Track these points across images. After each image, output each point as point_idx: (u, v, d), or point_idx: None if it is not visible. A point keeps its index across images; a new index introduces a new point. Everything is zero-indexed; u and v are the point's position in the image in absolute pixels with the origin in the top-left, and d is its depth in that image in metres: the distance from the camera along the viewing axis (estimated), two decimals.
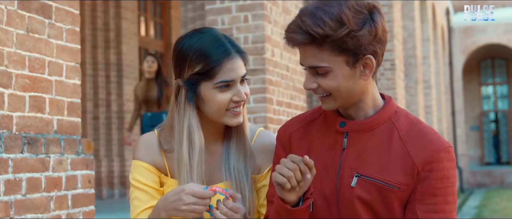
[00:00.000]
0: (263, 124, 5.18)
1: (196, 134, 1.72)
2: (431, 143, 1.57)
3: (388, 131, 1.59)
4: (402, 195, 1.56)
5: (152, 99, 7.04)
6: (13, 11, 2.81)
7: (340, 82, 1.54)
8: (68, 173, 3.09)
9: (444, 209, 1.55)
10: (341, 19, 1.48)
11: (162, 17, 12.02)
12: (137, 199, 1.76)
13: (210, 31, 1.74)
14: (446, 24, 19.72)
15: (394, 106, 1.64)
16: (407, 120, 1.62)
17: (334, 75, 1.53)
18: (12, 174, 2.73)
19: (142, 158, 1.79)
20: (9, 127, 2.77)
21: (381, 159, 1.57)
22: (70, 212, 3.09)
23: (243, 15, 5.29)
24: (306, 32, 1.50)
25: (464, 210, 13.58)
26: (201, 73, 1.67)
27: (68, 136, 3.14)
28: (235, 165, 1.75)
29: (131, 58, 10.19)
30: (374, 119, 1.60)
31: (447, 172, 1.55)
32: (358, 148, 1.60)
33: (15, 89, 2.81)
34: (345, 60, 1.52)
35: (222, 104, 1.69)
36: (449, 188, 1.56)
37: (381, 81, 10.08)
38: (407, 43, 12.55)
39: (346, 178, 1.59)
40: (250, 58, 5.26)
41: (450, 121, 19.67)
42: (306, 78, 1.58)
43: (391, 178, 1.55)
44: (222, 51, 1.67)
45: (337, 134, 1.63)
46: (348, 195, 1.58)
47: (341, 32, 1.48)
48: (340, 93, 1.55)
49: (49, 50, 3.04)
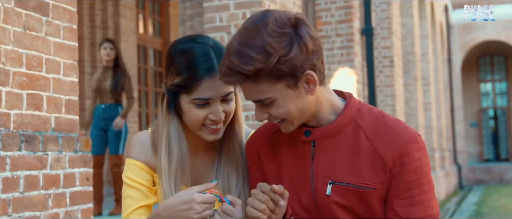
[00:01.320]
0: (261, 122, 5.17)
1: (175, 143, 1.70)
2: (398, 137, 1.54)
3: (354, 132, 1.57)
4: (379, 195, 1.55)
5: (105, 89, 6.43)
6: (10, 8, 2.81)
7: (289, 106, 1.51)
8: (66, 170, 3.09)
9: (422, 200, 1.54)
10: (266, 50, 1.44)
11: (160, 15, 12.01)
12: (129, 197, 1.74)
13: (202, 42, 1.68)
14: (445, 21, 19.71)
15: (355, 103, 1.61)
16: (371, 117, 1.59)
17: (280, 102, 1.50)
18: (10, 172, 2.73)
19: (136, 156, 1.77)
20: (6, 125, 2.76)
21: (351, 162, 1.55)
22: (68, 209, 3.09)
23: (241, 12, 5.29)
24: (237, 72, 1.45)
25: (463, 207, 13.60)
26: (180, 85, 1.65)
27: (66, 133, 3.14)
28: (226, 176, 1.74)
29: (130, 56, 10.18)
30: (337, 123, 1.57)
31: (419, 162, 1.54)
32: (327, 155, 1.58)
33: (13, 87, 2.81)
34: (286, 85, 1.48)
35: (197, 120, 1.66)
36: (424, 177, 1.55)
37: (379, 78, 10.08)
38: (406, 40, 12.55)
39: (320, 186, 1.57)
40: None
41: (449, 117, 19.68)
42: (256, 110, 1.55)
43: (364, 180, 1.54)
44: (205, 68, 1.62)
45: (304, 143, 1.60)
46: (326, 203, 1.57)
47: (271, 62, 1.43)
48: (293, 116, 1.53)
49: (46, 48, 3.03)
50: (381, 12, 10.22)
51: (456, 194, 17.63)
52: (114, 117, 6.47)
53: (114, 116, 6.47)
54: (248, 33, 1.47)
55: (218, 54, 1.65)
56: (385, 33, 10.22)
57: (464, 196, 16.71)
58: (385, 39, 10.22)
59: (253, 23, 1.49)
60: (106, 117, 6.48)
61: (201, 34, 1.77)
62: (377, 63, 9.96)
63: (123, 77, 6.51)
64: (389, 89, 10.16)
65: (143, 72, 11.22)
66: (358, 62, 8.01)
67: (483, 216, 11.56)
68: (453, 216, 12.03)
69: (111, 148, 6.50)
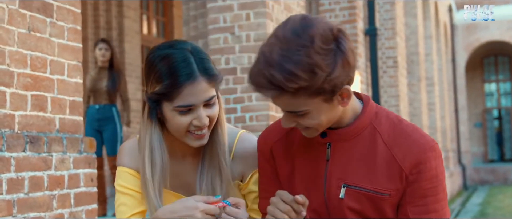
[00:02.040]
0: (266, 122, 5.18)
1: (157, 152, 1.69)
2: (416, 144, 1.53)
3: (371, 137, 1.55)
4: (393, 201, 1.54)
5: (101, 90, 6.36)
6: (14, 10, 2.82)
7: (321, 118, 1.49)
8: (70, 171, 3.09)
9: (436, 208, 1.53)
10: (313, 69, 1.39)
11: (164, 16, 12.02)
12: (123, 204, 1.73)
13: (181, 48, 1.65)
14: (449, 21, 19.68)
15: (373, 107, 1.59)
16: (388, 122, 1.57)
17: (313, 114, 1.48)
18: (15, 173, 2.74)
19: (127, 164, 1.77)
20: (11, 126, 2.77)
21: (367, 167, 1.54)
22: (73, 210, 3.09)
23: (245, 13, 5.29)
24: (279, 87, 1.40)
25: (468, 207, 13.57)
26: (161, 93, 1.62)
27: (70, 134, 3.15)
28: (210, 181, 1.72)
29: (134, 57, 10.19)
30: (355, 126, 1.56)
31: (435, 170, 1.53)
32: (343, 158, 1.56)
33: (17, 88, 2.82)
34: (322, 99, 1.45)
35: (181, 126, 1.64)
36: (439, 186, 1.54)
37: (383, 78, 10.06)
38: (410, 40, 12.53)
39: (333, 189, 1.56)
40: (252, 56, 5.26)
41: (453, 118, 19.64)
42: (285, 117, 1.52)
43: (380, 186, 1.52)
44: (185, 74, 1.59)
45: (319, 145, 1.59)
46: (338, 207, 1.55)
47: (317, 80, 1.40)
48: (321, 126, 1.51)
49: (50, 49, 3.04)
50: (385, 12, 10.21)
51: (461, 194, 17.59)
52: (109, 117, 6.43)
53: (109, 117, 6.43)
54: (290, 45, 1.41)
55: (198, 58, 1.62)
56: (389, 34, 10.21)
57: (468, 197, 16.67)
58: (389, 40, 10.20)
59: (294, 34, 1.42)
60: (100, 118, 6.42)
61: (179, 40, 1.74)
62: (381, 64, 9.95)
63: (119, 78, 6.47)
64: (393, 90, 10.15)
65: None
66: (362, 62, 8.01)
67: (487, 217, 11.53)
68: (458, 216, 12.00)
69: (108, 149, 6.45)
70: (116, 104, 6.55)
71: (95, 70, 6.58)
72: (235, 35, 5.33)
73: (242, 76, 5.29)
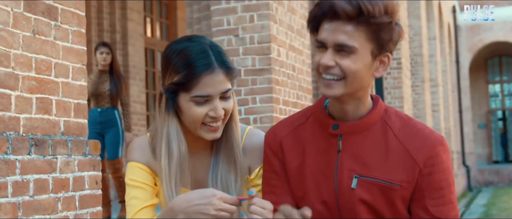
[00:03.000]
0: (270, 124, 5.18)
1: (175, 143, 1.69)
2: (427, 138, 1.59)
3: (382, 130, 1.60)
4: (404, 193, 1.57)
5: (103, 93, 6.39)
6: (19, 13, 2.82)
7: (359, 67, 1.52)
8: (75, 174, 3.10)
9: (451, 199, 1.59)
10: (387, 7, 1.51)
11: (168, 18, 12.04)
12: (135, 198, 1.73)
13: (199, 41, 1.69)
14: (453, 22, 19.66)
15: (383, 105, 1.65)
16: (398, 119, 1.63)
17: (357, 58, 1.52)
18: (20, 175, 2.74)
19: (137, 159, 1.77)
20: (16, 129, 2.78)
21: (379, 159, 1.58)
22: (78, 213, 3.10)
23: (248, 15, 5.29)
24: (356, 5, 1.48)
25: (472, 209, 13.54)
26: (179, 83, 1.64)
27: (75, 137, 3.15)
28: (224, 176, 1.73)
29: (137, 60, 10.21)
30: (367, 120, 1.60)
31: (446, 163, 1.59)
32: (354, 149, 1.59)
33: (22, 91, 2.82)
34: (371, 49, 1.52)
35: (197, 117, 1.65)
36: (450, 178, 1.60)
37: (387, 80, 10.06)
38: (414, 41, 12.52)
39: (345, 180, 1.58)
40: (256, 58, 5.26)
41: (457, 119, 19.61)
42: (325, 55, 1.53)
43: (392, 177, 1.56)
44: (204, 64, 1.62)
45: (331, 136, 1.62)
46: (349, 198, 1.57)
47: (386, 19, 1.50)
48: (354, 79, 1.53)
49: (55, 52, 3.05)
50: None
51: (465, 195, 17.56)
52: (111, 120, 6.42)
53: (111, 120, 6.43)
54: None
55: (215, 51, 1.66)
56: None
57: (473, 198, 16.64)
58: None
59: None
60: (102, 121, 6.41)
61: (197, 35, 1.78)
62: None
63: (120, 82, 6.48)
64: (397, 91, 10.14)
65: (151, 75, 11.25)
66: None
67: (492, 218, 11.50)
68: (462, 218, 11.98)
69: (109, 153, 6.40)
70: (118, 108, 6.55)
71: (96, 74, 6.57)
72: (239, 37, 5.33)
73: (246, 78, 5.29)
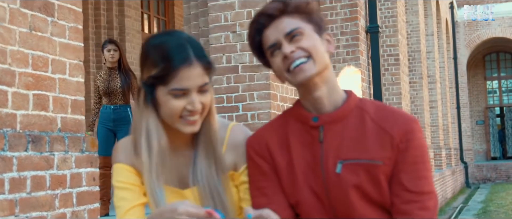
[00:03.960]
0: (267, 120, 5.17)
1: (154, 136, 1.69)
2: (401, 116, 1.70)
3: (359, 116, 1.70)
4: (386, 170, 1.64)
5: (115, 91, 6.38)
6: (15, 9, 2.81)
7: (315, 43, 1.68)
8: (72, 170, 3.09)
9: (426, 175, 1.66)
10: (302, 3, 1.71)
11: (165, 15, 12.02)
12: (123, 199, 1.73)
13: (177, 35, 1.70)
14: (450, 18, 19.66)
15: (356, 96, 1.76)
16: (373, 104, 1.74)
17: (308, 36, 1.68)
18: (17, 172, 2.74)
19: (122, 160, 1.77)
20: (13, 125, 2.77)
21: (359, 142, 1.66)
22: (75, 210, 3.09)
23: (246, 11, 5.28)
24: (283, 3, 1.69)
25: (471, 205, 13.56)
26: (157, 77, 1.64)
27: (72, 133, 3.14)
28: (204, 171, 1.73)
29: (135, 56, 10.19)
30: (344, 109, 1.70)
31: (421, 140, 1.68)
32: (335, 138, 1.67)
33: (19, 88, 2.81)
34: (313, 28, 1.69)
35: (175, 111, 1.66)
36: (425, 155, 1.68)
37: (385, 76, 10.05)
38: (411, 38, 12.52)
39: (330, 167, 1.65)
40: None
41: (455, 115, 19.62)
42: (283, 47, 1.67)
43: (373, 155, 1.64)
44: (181, 58, 1.63)
45: (312, 129, 1.70)
46: (337, 183, 1.64)
47: (307, 5, 1.70)
48: (317, 54, 1.67)
49: (52, 48, 3.04)
50: (386, 10, 10.20)
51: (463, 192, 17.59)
52: (124, 117, 6.41)
53: (125, 117, 6.42)
54: None
55: (193, 45, 1.67)
56: (391, 31, 10.20)
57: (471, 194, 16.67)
58: (390, 37, 10.19)
59: None
60: (116, 118, 6.39)
61: (175, 29, 1.77)
62: (382, 62, 9.94)
63: (130, 77, 6.48)
64: (395, 88, 10.14)
65: None
66: (363, 60, 8.00)
67: (490, 214, 11.52)
68: (460, 214, 12.00)
69: None
70: (130, 105, 6.53)
71: (105, 71, 6.56)
72: (236, 34, 5.32)
73: (244, 75, 5.28)
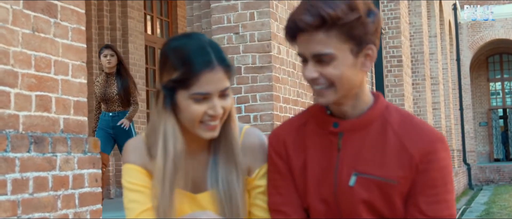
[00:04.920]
0: (270, 122, 5.17)
1: (171, 141, 1.66)
2: (426, 134, 1.57)
3: (382, 127, 1.59)
4: (402, 189, 1.55)
5: (112, 97, 6.33)
6: (18, 10, 2.82)
7: (343, 71, 1.51)
8: (75, 172, 3.09)
9: (446, 198, 1.56)
10: (352, 4, 1.48)
11: (168, 16, 12.03)
12: (133, 201, 1.69)
13: (197, 38, 1.66)
14: (454, 20, 19.64)
15: (384, 102, 1.64)
16: (399, 115, 1.62)
17: (338, 63, 1.51)
18: (19, 173, 2.74)
19: (133, 161, 1.72)
20: (15, 126, 2.77)
21: (377, 156, 1.57)
22: (78, 211, 3.09)
23: (249, 12, 5.28)
24: (317, 14, 1.47)
25: (473, 207, 13.53)
26: (177, 80, 1.61)
27: (75, 134, 3.15)
28: (225, 177, 1.70)
29: (138, 57, 10.20)
30: (367, 117, 1.60)
31: (444, 161, 1.56)
32: (354, 147, 1.59)
33: (21, 89, 2.82)
34: (350, 48, 1.50)
35: (195, 115, 1.62)
36: (447, 177, 1.57)
37: (388, 78, 10.04)
38: (414, 39, 12.51)
39: (344, 178, 1.57)
40: (256, 56, 5.25)
41: (458, 117, 19.60)
42: (307, 68, 1.54)
43: (389, 173, 1.55)
44: (203, 62, 1.59)
45: (331, 135, 1.61)
46: (348, 196, 1.57)
47: (352, 16, 1.47)
48: (342, 84, 1.53)
49: (54, 50, 3.04)
50: (389, 11, 10.19)
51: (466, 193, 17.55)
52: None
53: None
54: None
55: (214, 49, 1.63)
56: (393, 33, 10.19)
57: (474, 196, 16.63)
58: (393, 39, 10.18)
59: None
60: (115, 126, 6.36)
61: (195, 32, 1.75)
62: (385, 63, 9.93)
63: (127, 82, 6.40)
64: (398, 89, 10.13)
65: (151, 73, 11.24)
66: None
67: (493, 216, 11.49)
68: (463, 216, 11.97)
69: None
70: (128, 111, 6.48)
71: (102, 77, 6.48)
72: (239, 35, 5.32)
73: (247, 76, 5.28)
